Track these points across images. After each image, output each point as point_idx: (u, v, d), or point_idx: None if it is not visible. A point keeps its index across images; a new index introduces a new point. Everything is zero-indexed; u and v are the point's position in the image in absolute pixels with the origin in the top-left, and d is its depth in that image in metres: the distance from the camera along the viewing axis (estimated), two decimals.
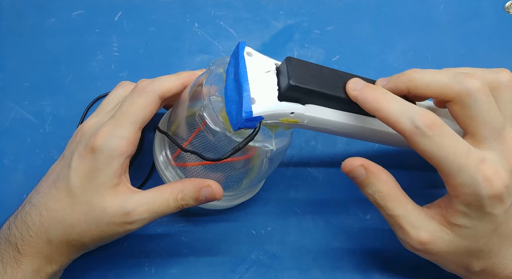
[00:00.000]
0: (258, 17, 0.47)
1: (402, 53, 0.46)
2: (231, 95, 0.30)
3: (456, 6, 0.47)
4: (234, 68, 0.31)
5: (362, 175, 0.31)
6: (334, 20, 0.47)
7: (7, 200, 0.40)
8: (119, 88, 0.38)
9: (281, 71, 0.31)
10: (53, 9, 0.47)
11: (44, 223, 0.32)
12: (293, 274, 0.38)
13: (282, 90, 0.30)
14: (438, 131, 0.28)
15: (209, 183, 0.32)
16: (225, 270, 0.38)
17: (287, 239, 0.39)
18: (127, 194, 0.32)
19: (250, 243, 0.39)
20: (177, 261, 0.38)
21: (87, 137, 0.33)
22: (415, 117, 0.28)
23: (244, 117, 0.29)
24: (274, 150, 0.32)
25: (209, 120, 0.31)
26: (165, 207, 0.32)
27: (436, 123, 0.28)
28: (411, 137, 0.28)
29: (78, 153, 0.33)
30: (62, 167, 0.34)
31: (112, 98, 0.37)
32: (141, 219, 0.32)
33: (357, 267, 0.38)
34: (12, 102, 0.43)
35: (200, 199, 0.32)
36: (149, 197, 0.32)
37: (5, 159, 0.41)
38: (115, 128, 0.32)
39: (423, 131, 0.27)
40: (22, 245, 0.32)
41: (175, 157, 0.36)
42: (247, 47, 0.31)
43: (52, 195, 0.33)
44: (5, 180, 0.41)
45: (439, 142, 0.28)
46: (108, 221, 0.32)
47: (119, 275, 0.38)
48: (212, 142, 0.32)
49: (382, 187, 0.31)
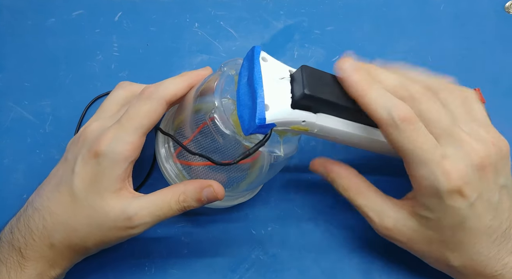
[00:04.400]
0: (258, 17, 0.47)
1: (402, 53, 0.46)
2: (244, 99, 0.30)
3: (456, 6, 0.47)
4: (248, 72, 0.31)
5: (324, 173, 0.35)
6: (334, 20, 0.47)
7: (7, 200, 0.40)
8: (119, 89, 0.38)
9: (295, 78, 0.31)
10: (53, 9, 0.47)
11: (47, 227, 0.32)
12: (293, 274, 0.38)
13: (296, 98, 0.30)
14: (411, 125, 0.29)
15: (210, 183, 0.32)
16: (225, 270, 0.38)
17: (287, 239, 0.39)
18: (129, 199, 0.32)
19: (250, 243, 0.39)
20: (177, 261, 0.38)
21: (91, 141, 0.33)
22: (392, 109, 0.29)
23: (257, 123, 0.29)
24: (282, 156, 0.32)
25: (220, 123, 0.31)
26: (167, 210, 0.32)
27: (410, 117, 0.29)
28: (385, 127, 0.30)
29: (82, 157, 0.32)
30: (65, 171, 0.33)
31: (112, 99, 0.37)
32: (144, 223, 0.32)
33: (357, 267, 0.38)
34: (12, 102, 0.43)
35: (202, 200, 0.32)
36: (150, 201, 0.32)
37: (5, 159, 0.41)
38: (119, 133, 0.32)
39: (397, 123, 0.29)
40: (26, 249, 0.32)
41: (178, 154, 0.36)
42: (262, 52, 0.31)
43: (55, 199, 0.33)
44: (5, 180, 0.41)
45: (410, 136, 0.29)
46: (111, 225, 0.32)
47: (119, 275, 0.38)
48: (220, 143, 0.32)
49: (343, 181, 0.34)
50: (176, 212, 0.33)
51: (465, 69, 0.45)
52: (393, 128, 0.30)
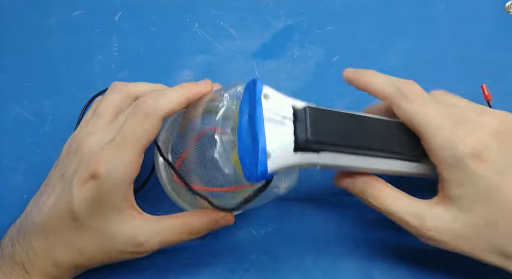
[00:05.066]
0: (258, 17, 0.47)
1: (402, 53, 0.46)
2: (245, 139, 0.29)
3: (456, 6, 0.47)
4: (249, 110, 0.29)
5: (350, 186, 0.34)
6: (334, 20, 0.47)
7: (7, 200, 0.40)
8: (113, 93, 0.36)
9: (298, 119, 0.30)
10: (53, 9, 0.47)
11: (50, 247, 0.32)
12: (293, 274, 0.38)
13: (299, 142, 0.29)
14: (421, 98, 0.31)
15: (224, 214, 0.33)
16: (225, 270, 0.38)
17: (287, 239, 0.39)
18: (137, 221, 0.32)
19: (250, 243, 0.39)
20: (177, 261, 0.38)
21: (88, 160, 0.31)
22: (400, 85, 0.31)
23: (259, 174, 0.28)
24: (282, 192, 0.32)
25: (222, 165, 0.30)
26: (177, 239, 0.33)
27: (419, 90, 0.31)
28: (395, 100, 0.31)
29: (80, 177, 0.31)
30: (64, 189, 0.32)
31: (107, 104, 0.35)
32: (153, 249, 0.33)
33: (358, 267, 0.38)
34: (12, 102, 0.43)
35: (215, 229, 0.33)
36: (161, 229, 0.32)
37: (5, 159, 0.41)
38: (117, 153, 0.31)
39: (407, 95, 0.31)
40: (29, 266, 0.32)
41: (178, 166, 0.35)
42: (264, 87, 0.30)
43: (56, 218, 0.32)
44: (5, 180, 0.41)
45: (421, 105, 0.31)
46: (119, 249, 0.32)
47: (119, 275, 0.38)
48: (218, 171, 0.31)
49: (373, 190, 0.32)
50: (184, 241, 0.33)
51: (465, 69, 0.45)
52: (403, 100, 0.31)
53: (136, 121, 0.31)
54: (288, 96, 0.31)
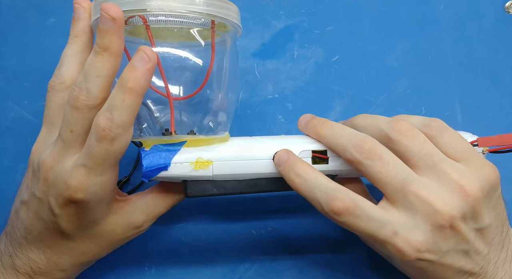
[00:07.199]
0: (258, 17, 0.47)
1: (402, 53, 0.46)
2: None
3: (456, 6, 0.47)
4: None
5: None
6: (334, 20, 0.47)
7: (7, 200, 0.40)
8: (54, 93, 0.33)
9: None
10: (53, 9, 0.47)
11: (51, 258, 0.32)
12: (293, 274, 0.38)
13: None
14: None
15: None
16: (225, 270, 0.38)
17: (287, 239, 0.39)
18: (127, 207, 0.33)
19: (250, 243, 0.39)
20: (177, 261, 0.38)
21: (61, 186, 0.29)
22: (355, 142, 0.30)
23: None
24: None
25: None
26: (170, 206, 0.34)
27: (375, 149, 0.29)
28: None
29: (56, 201, 0.29)
30: (42, 209, 0.30)
31: (54, 107, 0.32)
32: (150, 224, 0.34)
33: (358, 267, 0.38)
34: (12, 102, 0.43)
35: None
36: (151, 204, 0.33)
37: (5, 159, 0.41)
38: (94, 178, 0.28)
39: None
40: (35, 275, 0.32)
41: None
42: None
43: (47, 237, 0.31)
44: (5, 180, 0.41)
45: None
46: (121, 238, 0.33)
47: (119, 275, 0.38)
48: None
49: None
50: (174, 204, 0.34)
51: (465, 69, 0.45)
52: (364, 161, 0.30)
53: (104, 146, 0.27)
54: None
